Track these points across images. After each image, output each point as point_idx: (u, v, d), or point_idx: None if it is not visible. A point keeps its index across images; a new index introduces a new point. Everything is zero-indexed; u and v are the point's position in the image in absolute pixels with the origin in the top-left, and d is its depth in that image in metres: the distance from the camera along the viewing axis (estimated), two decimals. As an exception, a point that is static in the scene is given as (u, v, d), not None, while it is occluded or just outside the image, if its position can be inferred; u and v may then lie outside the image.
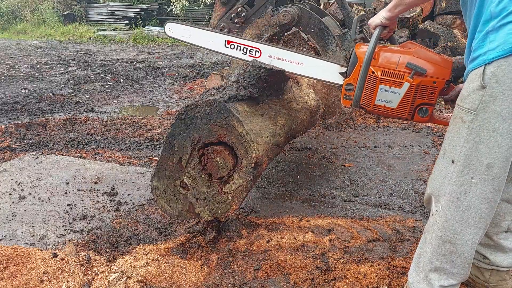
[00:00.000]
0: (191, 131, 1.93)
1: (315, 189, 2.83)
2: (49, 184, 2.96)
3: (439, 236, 1.43)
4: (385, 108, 1.80)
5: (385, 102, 1.79)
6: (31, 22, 15.97)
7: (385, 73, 1.76)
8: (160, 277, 1.96)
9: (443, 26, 5.92)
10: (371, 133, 3.98)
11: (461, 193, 1.36)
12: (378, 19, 1.82)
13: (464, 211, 1.37)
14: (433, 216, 1.46)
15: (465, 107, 1.30)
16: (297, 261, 2.03)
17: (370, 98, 1.81)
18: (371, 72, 1.78)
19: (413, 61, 1.71)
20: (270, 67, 2.08)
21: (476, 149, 1.29)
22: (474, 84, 1.27)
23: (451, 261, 1.44)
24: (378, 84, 1.77)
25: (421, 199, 2.67)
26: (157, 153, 3.49)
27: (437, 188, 1.44)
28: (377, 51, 1.78)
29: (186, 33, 2.69)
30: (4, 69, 7.98)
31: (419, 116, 1.78)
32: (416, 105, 1.77)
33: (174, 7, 13.56)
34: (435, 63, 1.72)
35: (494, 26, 1.22)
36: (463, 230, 1.39)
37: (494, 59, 1.20)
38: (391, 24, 1.83)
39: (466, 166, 1.33)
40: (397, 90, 1.74)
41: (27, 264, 2.04)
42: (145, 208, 2.60)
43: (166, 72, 7.48)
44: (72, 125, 4.36)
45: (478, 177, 1.31)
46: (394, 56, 1.76)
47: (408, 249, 2.12)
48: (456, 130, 1.35)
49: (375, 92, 1.78)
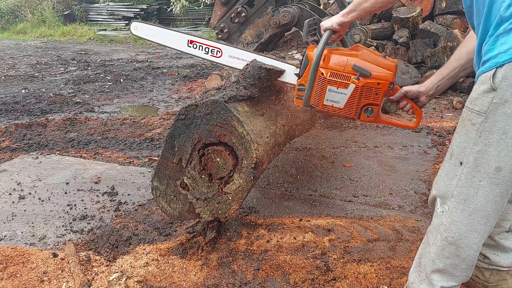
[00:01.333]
0: (191, 132, 1.93)
1: (315, 189, 2.83)
2: (49, 184, 2.96)
3: (444, 237, 1.43)
4: (333, 108, 1.88)
5: (333, 102, 1.86)
6: (31, 22, 15.96)
7: (333, 74, 1.83)
8: (160, 277, 1.96)
9: (443, 26, 5.92)
10: (371, 133, 3.98)
11: (468, 195, 1.35)
12: (330, 23, 1.87)
13: (470, 214, 1.36)
14: (439, 217, 1.45)
15: (475, 110, 1.29)
16: (297, 261, 2.03)
17: (320, 98, 1.88)
18: (321, 74, 1.85)
19: (359, 63, 1.78)
20: (270, 67, 2.08)
21: (485, 152, 1.29)
22: (485, 87, 1.26)
23: (455, 264, 1.44)
24: (327, 85, 1.84)
25: (421, 199, 2.67)
26: (157, 153, 3.49)
27: (443, 189, 1.43)
28: (327, 54, 1.85)
29: (151, 32, 2.77)
30: (4, 69, 7.98)
31: (365, 115, 1.86)
32: (362, 106, 1.84)
33: (174, 7, 13.57)
34: (380, 65, 1.80)
35: (505, 28, 1.22)
36: (469, 233, 1.38)
37: (506, 61, 1.19)
38: (341, 30, 1.89)
39: (475, 169, 1.32)
40: (344, 91, 1.82)
41: (27, 264, 2.04)
42: (145, 208, 2.60)
43: (166, 72, 7.48)
44: (72, 125, 4.36)
45: (487, 180, 1.30)
46: (342, 59, 1.83)
47: (408, 249, 2.12)
48: (465, 132, 1.34)
49: (324, 93, 1.85)
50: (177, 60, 8.90)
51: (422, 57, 5.72)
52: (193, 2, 13.97)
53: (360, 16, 1.82)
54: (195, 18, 14.23)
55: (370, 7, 1.74)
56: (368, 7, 1.74)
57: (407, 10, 6.13)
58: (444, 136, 3.83)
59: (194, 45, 2.56)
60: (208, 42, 2.51)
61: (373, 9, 1.76)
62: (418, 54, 5.76)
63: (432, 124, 4.21)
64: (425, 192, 2.76)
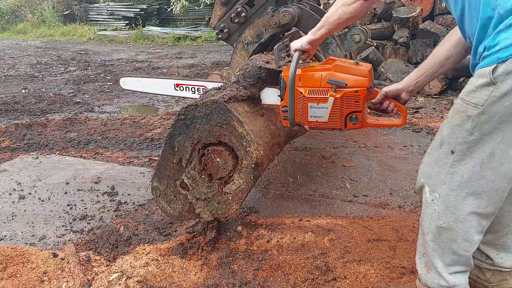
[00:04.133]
0: (191, 132, 1.93)
1: (315, 189, 2.83)
2: (49, 184, 2.96)
3: (439, 224, 1.45)
4: (319, 123, 1.92)
5: (317, 117, 1.91)
6: (31, 22, 15.96)
7: (311, 91, 1.88)
8: (160, 277, 1.96)
9: (443, 26, 5.92)
10: (371, 133, 3.98)
11: (461, 181, 1.37)
12: (299, 43, 1.90)
13: (464, 199, 1.38)
14: (429, 206, 1.47)
15: (471, 102, 1.31)
16: (297, 261, 2.03)
17: (304, 116, 1.93)
18: (299, 93, 1.89)
19: (333, 76, 1.83)
20: (270, 67, 2.08)
21: (480, 140, 1.31)
22: (483, 80, 1.27)
23: (452, 250, 1.45)
24: (307, 102, 1.89)
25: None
26: (157, 153, 3.48)
27: (433, 177, 1.45)
28: (301, 73, 1.89)
29: (139, 84, 3.00)
30: (4, 69, 7.98)
31: (351, 124, 1.90)
32: (345, 115, 1.88)
33: (174, 7, 13.56)
34: (354, 73, 1.83)
35: (506, 24, 1.23)
36: (463, 217, 1.40)
37: (509, 57, 1.20)
38: (310, 50, 1.92)
39: (468, 156, 1.34)
40: (324, 105, 1.87)
41: (27, 264, 2.04)
42: (145, 208, 2.60)
43: (166, 72, 7.48)
44: (72, 125, 4.36)
45: (480, 166, 1.33)
46: (316, 75, 1.87)
47: (408, 249, 2.12)
48: (458, 123, 1.35)
49: (306, 110, 1.90)
50: (177, 60, 8.91)
51: (422, 57, 5.73)
52: (193, 2, 13.96)
53: (330, 32, 1.83)
54: (195, 18, 14.22)
55: (338, 19, 1.74)
56: (336, 20, 1.75)
57: (407, 10, 6.13)
58: (444, 136, 3.83)
59: (181, 88, 2.74)
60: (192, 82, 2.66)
61: (341, 21, 1.75)
62: (418, 54, 5.77)
63: (432, 124, 4.21)
64: (425, 192, 2.76)
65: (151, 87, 2.95)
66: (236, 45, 3.18)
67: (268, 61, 2.19)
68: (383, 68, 5.43)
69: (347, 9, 1.69)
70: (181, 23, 14.36)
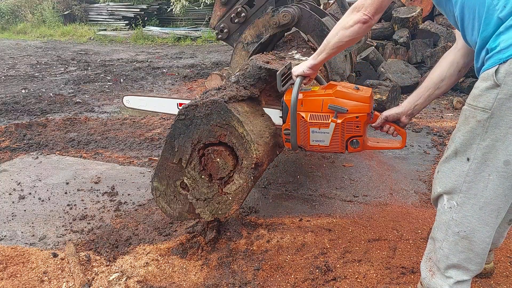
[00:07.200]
0: (191, 132, 1.93)
1: (315, 189, 2.83)
2: (49, 184, 2.96)
3: (456, 232, 1.45)
4: (320, 147, 1.96)
5: (319, 141, 1.95)
6: (31, 22, 15.96)
7: (313, 117, 1.92)
8: (160, 277, 1.96)
9: (443, 26, 5.92)
10: (371, 133, 3.98)
11: (478, 190, 1.37)
12: (301, 68, 1.93)
13: (481, 208, 1.38)
14: (446, 213, 1.47)
15: (479, 106, 1.31)
16: (297, 261, 2.03)
17: (306, 140, 1.96)
18: (301, 117, 1.93)
19: (334, 102, 1.87)
20: (270, 67, 2.08)
21: (493, 147, 1.30)
22: (488, 83, 1.27)
23: (469, 258, 1.46)
24: (309, 127, 1.93)
25: (421, 199, 2.67)
26: (157, 153, 3.49)
27: (450, 186, 1.44)
28: (303, 98, 1.92)
29: (142, 103, 3.02)
30: (4, 69, 7.98)
31: (352, 147, 1.95)
32: (346, 139, 1.92)
33: (174, 7, 13.55)
34: (355, 99, 1.86)
35: (506, 26, 1.24)
36: (481, 227, 1.40)
37: (509, 57, 1.21)
38: (311, 74, 1.95)
39: (483, 164, 1.34)
40: (326, 130, 1.91)
41: (27, 264, 2.04)
42: (145, 208, 2.60)
43: (166, 72, 7.48)
44: (72, 125, 4.36)
45: (495, 174, 1.32)
46: (318, 100, 1.90)
47: (408, 249, 2.12)
48: (469, 129, 1.35)
49: (308, 134, 1.94)
50: (177, 60, 8.91)
51: (422, 57, 5.73)
52: (193, 2, 13.95)
53: (330, 55, 1.84)
54: (195, 18, 14.23)
55: (337, 42, 1.75)
56: (336, 44, 1.76)
57: (407, 10, 6.13)
58: (444, 136, 3.83)
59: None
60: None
61: (341, 44, 1.76)
62: (418, 54, 5.77)
63: (432, 124, 4.21)
64: (425, 192, 2.76)
65: (154, 106, 2.98)
66: (236, 45, 3.18)
67: (268, 61, 2.19)
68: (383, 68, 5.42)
69: (346, 32, 1.70)
70: (181, 23, 14.36)
